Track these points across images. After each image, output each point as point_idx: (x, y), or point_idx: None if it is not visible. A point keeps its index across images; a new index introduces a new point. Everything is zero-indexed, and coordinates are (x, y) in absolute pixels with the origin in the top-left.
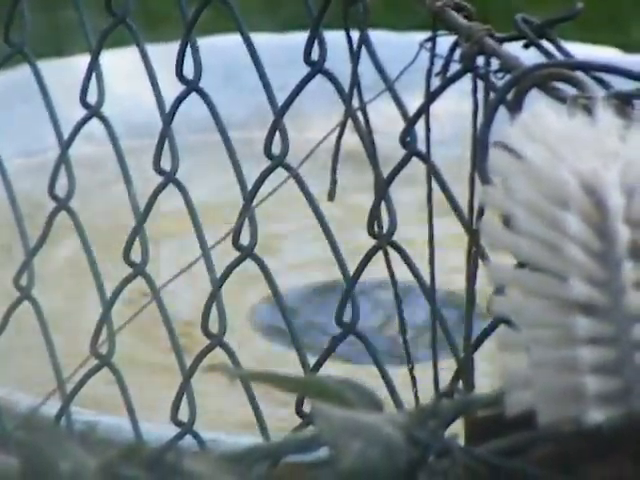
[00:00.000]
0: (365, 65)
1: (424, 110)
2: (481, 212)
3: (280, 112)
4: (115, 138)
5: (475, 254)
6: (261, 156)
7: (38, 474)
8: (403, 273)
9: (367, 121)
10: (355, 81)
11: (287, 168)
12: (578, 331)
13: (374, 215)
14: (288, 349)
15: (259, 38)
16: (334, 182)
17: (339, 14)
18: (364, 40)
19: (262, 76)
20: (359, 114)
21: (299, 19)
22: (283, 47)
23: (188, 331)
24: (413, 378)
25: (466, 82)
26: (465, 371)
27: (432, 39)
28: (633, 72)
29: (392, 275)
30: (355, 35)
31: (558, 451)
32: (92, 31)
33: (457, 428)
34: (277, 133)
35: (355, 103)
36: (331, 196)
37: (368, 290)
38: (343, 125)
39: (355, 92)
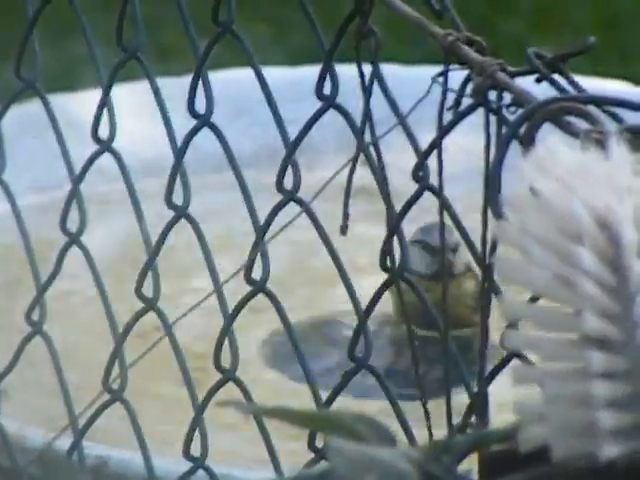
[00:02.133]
0: (377, 99)
1: (436, 144)
2: (494, 246)
3: (292, 146)
4: (126, 173)
5: (488, 288)
6: (272, 190)
7: None
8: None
9: (379, 155)
10: (367, 115)
11: (299, 202)
12: (592, 365)
13: (386, 249)
14: (300, 383)
15: (270, 72)
16: (346, 216)
17: (351, 47)
18: (376, 74)
19: (274, 110)
20: (371, 148)
21: (308, 51)
22: (294, 81)
23: (201, 365)
24: (426, 412)
25: (477, 115)
26: (478, 406)
27: (444, 73)
28: None
29: (404, 310)
30: (367, 69)
31: None
32: (103, 65)
33: (471, 462)
34: (289, 168)
35: (367, 137)
36: (343, 230)
37: (379, 324)
38: (355, 160)
39: (367, 126)
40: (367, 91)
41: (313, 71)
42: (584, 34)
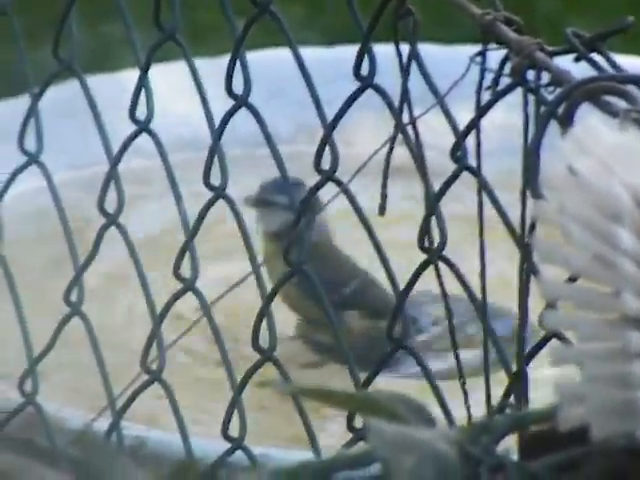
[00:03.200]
0: (414, 79)
1: (474, 124)
2: (533, 226)
3: (330, 126)
4: (164, 153)
5: (527, 268)
6: (309, 171)
7: None
8: (449, 285)
9: (417, 135)
10: (405, 95)
11: (337, 183)
12: (631, 345)
13: (425, 230)
14: (338, 363)
15: (307, 52)
16: (384, 196)
17: (387, 27)
18: (414, 54)
19: (311, 90)
20: (409, 128)
21: (342, 33)
22: (330, 61)
23: (237, 346)
24: (465, 393)
25: (515, 95)
26: (517, 386)
27: (482, 53)
28: None
29: (443, 290)
30: (404, 49)
31: (611, 466)
32: (140, 46)
33: (510, 443)
34: (326, 147)
35: (405, 117)
36: (382, 210)
37: (418, 304)
38: (393, 140)
39: (405, 106)
40: (405, 71)
41: (350, 51)
42: (620, 14)
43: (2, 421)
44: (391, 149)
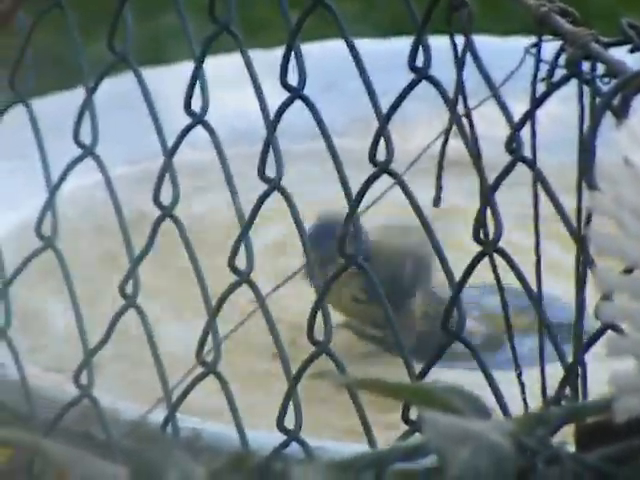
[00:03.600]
0: (468, 71)
1: (529, 116)
2: (589, 218)
3: (384, 119)
4: (219, 146)
5: (583, 260)
6: (363, 163)
7: None
8: (501, 276)
9: (472, 127)
10: (460, 87)
11: (392, 175)
12: None
13: (480, 221)
14: (392, 355)
15: (361, 44)
16: (439, 188)
17: (442, 19)
18: (468, 46)
19: (366, 82)
20: (463, 120)
21: (394, 27)
22: (385, 53)
23: (292, 338)
24: (521, 384)
25: (570, 86)
26: (573, 377)
27: (537, 44)
28: None
29: (499, 281)
30: (459, 41)
31: None
32: (195, 38)
33: (565, 434)
34: (381, 140)
35: (459, 109)
36: (436, 202)
37: (472, 295)
38: (448, 131)
39: (459, 98)
40: (460, 63)
41: (404, 43)
42: None
43: (58, 414)
44: (446, 141)
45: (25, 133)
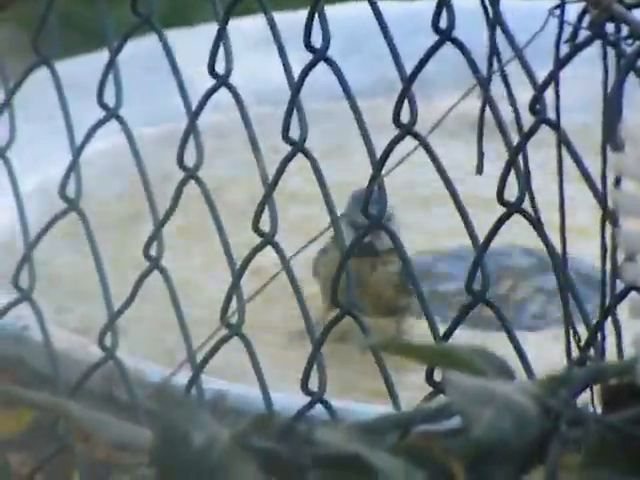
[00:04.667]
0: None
1: (553, 77)
2: (616, 180)
3: (408, 80)
4: (243, 108)
5: (607, 221)
6: (387, 125)
7: (171, 445)
8: (525, 238)
9: (508, 87)
10: (493, 49)
11: (416, 136)
12: None
13: (504, 183)
14: (417, 318)
15: (385, 6)
16: (481, 154)
17: None
18: (493, 8)
19: (390, 44)
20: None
21: None
22: (409, 14)
23: (315, 302)
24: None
25: (593, 48)
26: (597, 338)
27: (561, 6)
28: None
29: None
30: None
31: None
32: (219, 0)
33: (589, 396)
34: (405, 102)
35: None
36: (479, 169)
37: (495, 256)
38: (485, 96)
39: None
40: (490, 25)
41: (429, 5)
42: None
43: (82, 376)
44: (484, 106)
45: (49, 96)
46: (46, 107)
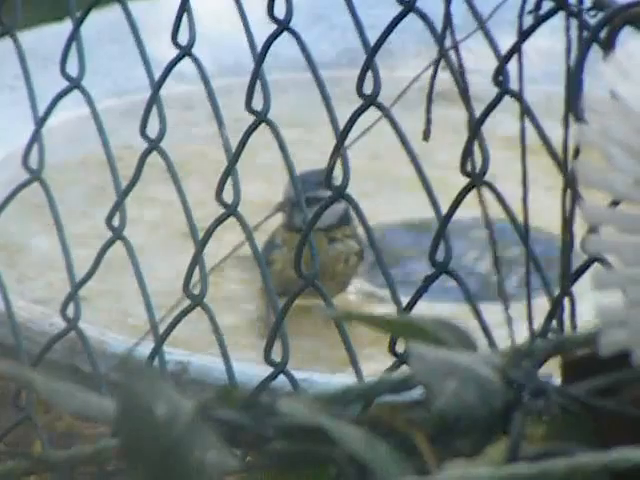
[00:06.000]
0: (456, 4)
1: (517, 48)
2: (576, 151)
3: (372, 51)
4: (206, 78)
5: (570, 193)
6: (351, 95)
7: (134, 415)
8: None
9: (459, 60)
10: (448, 20)
11: (379, 107)
12: None
13: (467, 154)
14: (380, 288)
15: None
16: (429, 122)
17: None
18: None
19: (354, 15)
20: (451, 53)
21: None
22: None
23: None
24: (508, 317)
25: (557, 19)
26: (559, 310)
27: None
28: None
29: (486, 214)
30: None
31: None
32: None
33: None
34: (369, 72)
35: (447, 42)
36: (426, 136)
37: (462, 229)
38: (437, 64)
39: (447, 31)
40: None
41: None
42: None
43: (45, 346)
44: (434, 74)
45: (12, 66)
46: (8, 77)
